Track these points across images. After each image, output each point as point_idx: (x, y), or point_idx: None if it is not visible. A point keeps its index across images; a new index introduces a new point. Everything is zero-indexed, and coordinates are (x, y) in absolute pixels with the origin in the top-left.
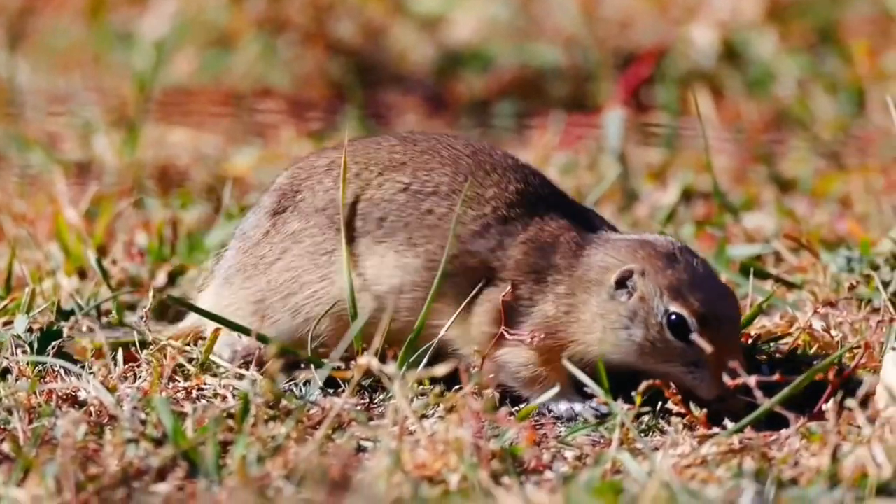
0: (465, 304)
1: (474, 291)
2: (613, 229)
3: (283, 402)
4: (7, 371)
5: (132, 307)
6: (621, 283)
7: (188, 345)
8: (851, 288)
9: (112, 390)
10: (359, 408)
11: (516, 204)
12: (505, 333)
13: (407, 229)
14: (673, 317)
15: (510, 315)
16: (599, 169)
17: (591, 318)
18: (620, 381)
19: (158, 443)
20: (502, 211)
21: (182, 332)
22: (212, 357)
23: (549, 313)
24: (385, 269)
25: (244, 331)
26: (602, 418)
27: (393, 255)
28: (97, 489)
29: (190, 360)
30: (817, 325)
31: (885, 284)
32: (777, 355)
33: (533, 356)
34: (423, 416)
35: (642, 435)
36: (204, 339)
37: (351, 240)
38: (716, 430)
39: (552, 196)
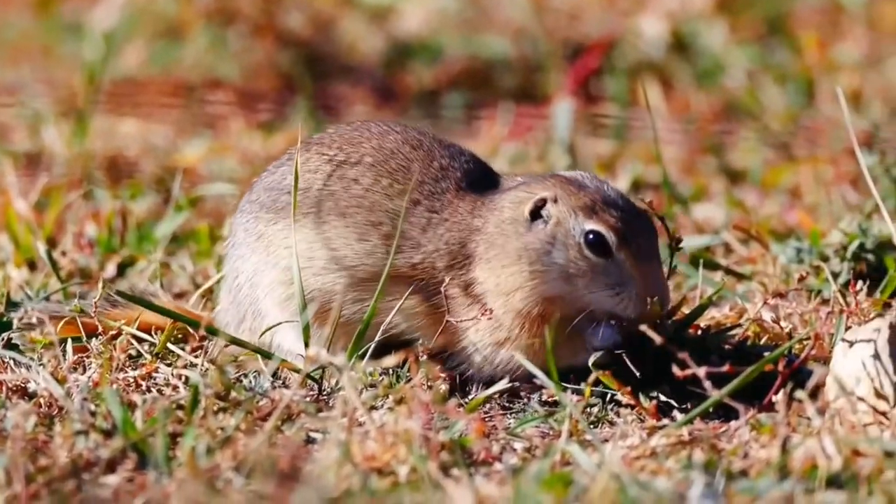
0: (407, 293)
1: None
2: None
3: (233, 394)
4: None
5: (83, 298)
6: (536, 214)
7: (150, 333)
8: (801, 279)
9: (62, 382)
10: (308, 399)
11: (440, 178)
12: (451, 321)
13: (333, 199)
14: (590, 235)
15: (454, 300)
16: (549, 160)
17: (517, 256)
18: (568, 374)
19: (108, 434)
20: (429, 186)
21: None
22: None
23: (484, 281)
24: (316, 243)
25: (193, 325)
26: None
27: (319, 227)
28: (47, 481)
29: (139, 352)
30: (767, 316)
31: (835, 275)
32: (727, 346)
33: (498, 328)
34: (373, 408)
35: (592, 427)
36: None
37: (279, 219)
38: (665, 421)
39: (478, 170)
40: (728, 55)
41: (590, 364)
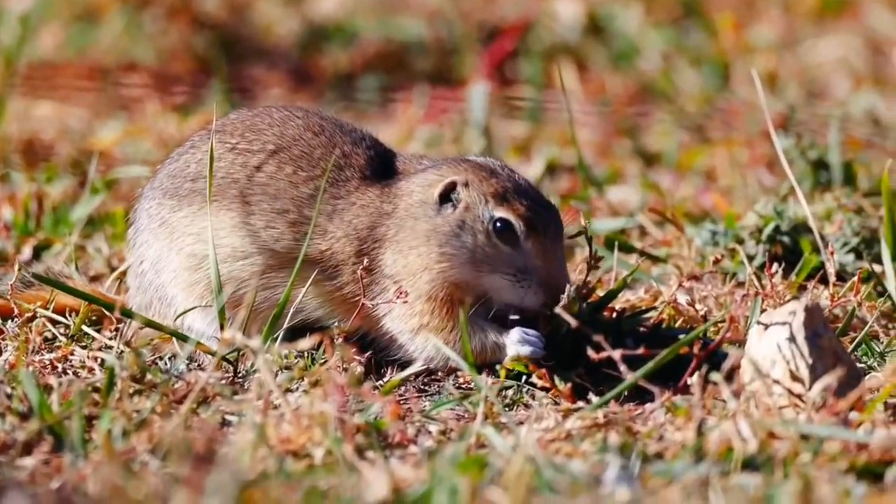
0: (312, 278)
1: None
2: None
3: (149, 377)
4: None
5: None
6: (445, 197)
7: (66, 316)
8: (716, 262)
9: None
10: (223, 382)
11: (344, 166)
12: (366, 304)
13: (237, 187)
14: (499, 223)
15: (367, 286)
16: (464, 142)
17: (425, 238)
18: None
19: (24, 417)
20: (332, 173)
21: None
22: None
23: (393, 263)
24: (222, 230)
25: (109, 308)
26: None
27: (225, 214)
28: None
29: (55, 334)
30: (682, 298)
31: (750, 258)
32: (642, 329)
33: (411, 314)
34: (288, 391)
35: (507, 409)
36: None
37: (183, 206)
38: (580, 404)
39: (380, 154)
40: (643, 38)
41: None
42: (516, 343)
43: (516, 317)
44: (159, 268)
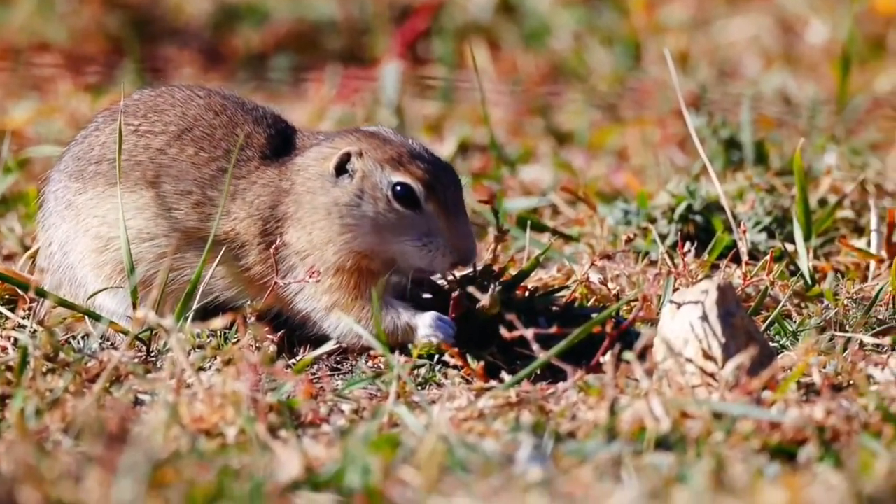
0: (220, 256)
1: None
2: None
3: (62, 356)
4: None
5: None
6: (341, 168)
7: None
8: (629, 241)
9: None
10: (136, 361)
11: (245, 145)
12: (279, 282)
13: (141, 169)
14: (398, 187)
15: (273, 265)
16: (376, 122)
17: (326, 211)
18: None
19: None
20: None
21: None
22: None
23: (298, 240)
24: (127, 213)
25: (22, 287)
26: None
27: (129, 196)
28: None
29: None
30: (594, 277)
31: (663, 237)
32: (554, 308)
33: (322, 291)
34: (201, 369)
35: (419, 388)
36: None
37: (87, 188)
38: (493, 383)
39: (281, 132)
40: (555, 17)
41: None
42: (428, 327)
43: (429, 295)
44: (67, 249)
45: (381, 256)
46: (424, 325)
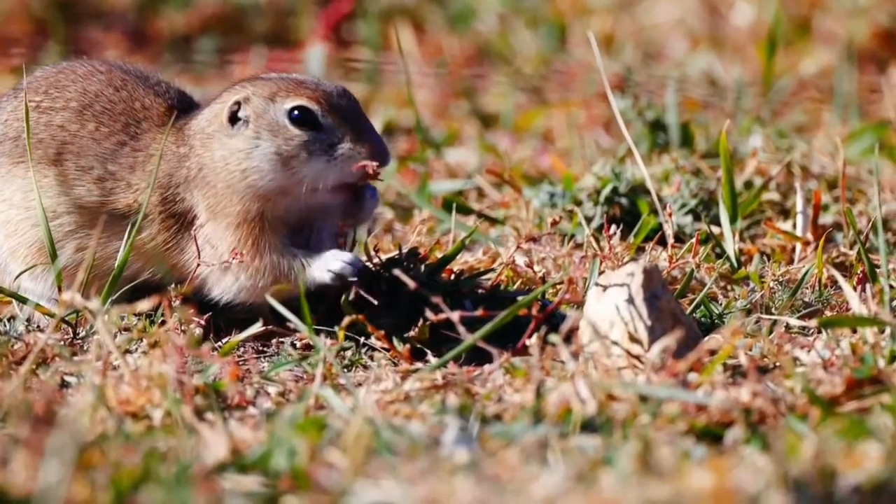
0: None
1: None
2: None
3: None
4: None
5: None
6: (234, 118)
7: None
8: (554, 223)
9: None
10: (62, 343)
11: (143, 118)
12: (203, 265)
13: (43, 147)
14: (294, 111)
15: (185, 240)
16: None
17: (224, 163)
18: (322, 319)
19: None
20: (133, 127)
21: None
22: None
23: (202, 200)
24: (31, 192)
25: None
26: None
27: (37, 176)
28: None
29: None
30: (520, 260)
31: (588, 220)
32: (480, 291)
33: (228, 239)
34: (127, 352)
35: (345, 370)
36: None
37: None
38: (419, 365)
39: (185, 105)
40: None
41: (341, 304)
42: (329, 260)
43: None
44: None
45: (292, 198)
46: (323, 259)
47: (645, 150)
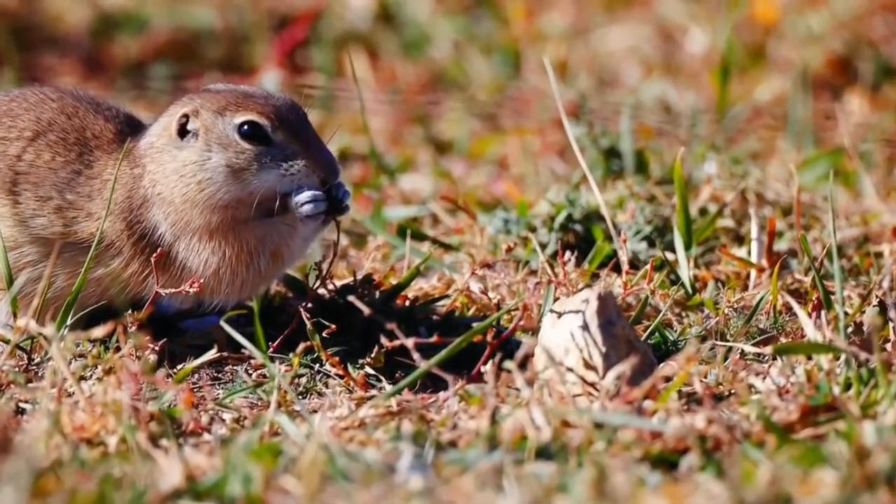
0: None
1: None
2: None
3: None
4: None
5: None
6: (183, 131)
7: None
8: (509, 250)
9: None
10: (17, 369)
11: (96, 146)
12: (161, 293)
13: (0, 177)
14: (244, 126)
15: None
16: None
17: (178, 176)
18: (277, 346)
19: None
20: (86, 155)
21: None
22: None
23: (165, 217)
24: None
25: None
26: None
27: None
28: None
29: None
30: (475, 286)
31: (543, 246)
32: (435, 317)
33: (204, 249)
34: (82, 378)
35: (300, 397)
36: None
37: None
38: (374, 392)
39: (134, 128)
40: (434, 26)
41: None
42: (299, 208)
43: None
44: None
45: (249, 203)
46: (297, 210)
47: (600, 176)
